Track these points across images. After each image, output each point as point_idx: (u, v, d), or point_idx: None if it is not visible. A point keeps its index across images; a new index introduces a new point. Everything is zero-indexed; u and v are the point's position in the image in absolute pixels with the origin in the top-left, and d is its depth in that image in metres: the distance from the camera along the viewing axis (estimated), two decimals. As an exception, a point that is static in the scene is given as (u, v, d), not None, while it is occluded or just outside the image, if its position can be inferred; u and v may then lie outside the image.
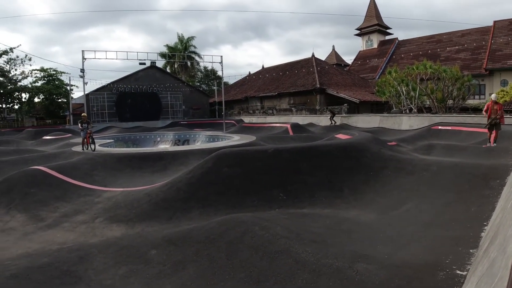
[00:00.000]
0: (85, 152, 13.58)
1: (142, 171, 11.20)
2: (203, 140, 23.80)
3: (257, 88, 43.94)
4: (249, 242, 4.23)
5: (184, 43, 52.26)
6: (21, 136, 27.43)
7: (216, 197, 6.96)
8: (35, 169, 9.77)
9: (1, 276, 4.12)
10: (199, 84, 60.90)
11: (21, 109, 42.84)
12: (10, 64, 39.59)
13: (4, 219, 7.40)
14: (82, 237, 6.19)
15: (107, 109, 39.81)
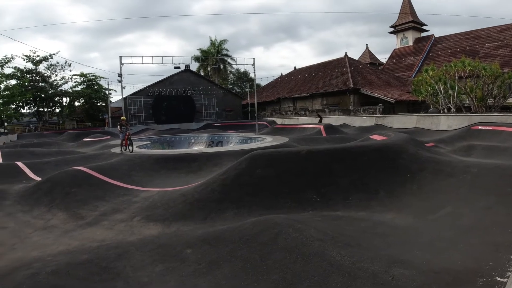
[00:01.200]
0: (123, 153, 14.06)
1: (177, 172, 11.43)
2: (236, 141, 24.00)
3: (289, 89, 43.82)
4: (283, 243, 4.23)
5: (216, 47, 53.04)
6: (62, 138, 28.70)
7: (249, 198, 6.99)
8: (76, 170, 10.21)
9: (42, 272, 4.28)
10: (232, 86, 61.60)
11: (62, 112, 44.99)
12: (50, 70, 41.88)
13: (46, 217, 7.72)
14: (121, 235, 6.37)
15: (143, 112, 41.10)
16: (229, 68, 58.74)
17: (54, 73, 42.54)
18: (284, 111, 40.96)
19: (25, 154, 16.52)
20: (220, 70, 55.93)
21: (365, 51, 51.69)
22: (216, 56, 50.95)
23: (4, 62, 35.50)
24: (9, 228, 7.09)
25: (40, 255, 5.45)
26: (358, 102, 33.43)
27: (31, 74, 40.90)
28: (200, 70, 54.30)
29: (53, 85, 42.50)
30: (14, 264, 5.00)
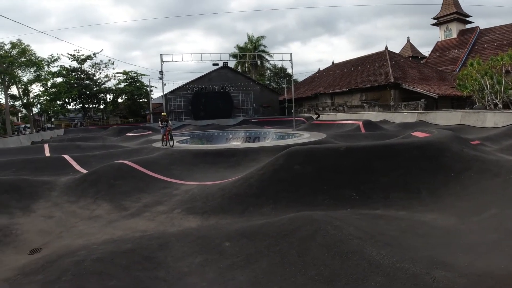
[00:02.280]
0: (164, 148, 14.49)
1: (216, 167, 11.62)
2: (273, 137, 24.01)
3: (327, 84, 43.11)
4: (321, 240, 4.21)
5: (254, 43, 53.20)
6: (107, 133, 29.94)
7: (287, 194, 7.00)
8: (120, 163, 10.65)
9: (87, 259, 4.50)
10: (269, 82, 61.56)
11: (106, 108, 47.17)
12: (95, 68, 43.93)
13: (91, 207, 8.09)
14: (162, 226, 6.58)
15: (183, 108, 42.13)
16: (266, 64, 58.82)
17: (98, 71, 44.70)
18: (321, 106, 40.47)
19: (72, 148, 17.44)
20: (257, 66, 56.12)
21: (406, 44, 49.67)
22: (253, 52, 51.15)
23: (51, 61, 37.50)
24: (56, 218, 7.50)
25: (85, 243, 5.72)
26: (399, 98, 32.32)
27: (76, 72, 43.20)
28: (238, 67, 54.74)
29: (97, 82, 44.60)
30: (61, 252, 5.31)
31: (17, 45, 32.05)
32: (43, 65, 35.37)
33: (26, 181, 9.44)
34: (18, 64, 32.40)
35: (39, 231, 6.64)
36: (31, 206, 8.11)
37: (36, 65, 34.07)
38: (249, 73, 53.61)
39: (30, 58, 33.04)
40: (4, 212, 7.66)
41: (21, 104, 36.82)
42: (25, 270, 4.80)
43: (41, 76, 35.79)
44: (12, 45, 32.05)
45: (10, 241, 6.09)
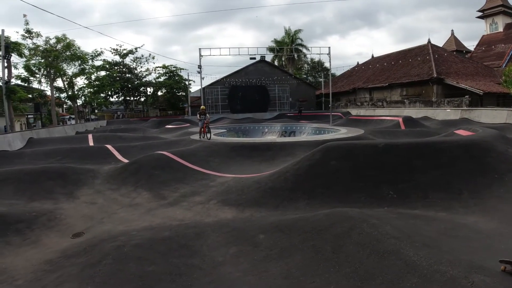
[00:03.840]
0: (202, 140, 14.79)
1: (251, 160, 11.72)
2: (309, 132, 23.80)
3: (366, 79, 41.98)
4: (357, 238, 4.16)
5: (291, 37, 52.77)
6: (147, 125, 30.86)
7: (322, 190, 6.95)
8: (160, 154, 10.98)
9: (128, 245, 4.72)
10: (306, 76, 60.90)
11: (147, 101, 48.89)
12: (136, 62, 45.53)
13: (132, 195, 8.43)
14: (198, 216, 6.76)
15: (220, 102, 42.66)
16: (303, 58, 58.17)
17: (139, 65, 46.44)
18: (359, 101, 39.57)
19: (114, 138, 18.17)
20: (294, 60, 55.67)
21: (450, 38, 47.22)
22: (290, 46, 50.77)
23: (95, 55, 39.28)
24: (99, 204, 7.89)
25: (125, 229, 5.98)
26: (441, 93, 30.93)
27: (118, 66, 45.11)
28: (275, 61, 54.54)
29: (139, 76, 46.27)
30: (102, 236, 5.58)
31: (62, 40, 33.68)
32: (87, 59, 37.08)
33: (71, 169, 9.95)
34: (63, 58, 34.07)
35: (82, 217, 7.02)
36: (75, 193, 8.56)
37: (80, 59, 35.72)
38: (286, 67, 53.30)
39: (74, 52, 34.66)
40: (49, 198, 8.14)
41: (66, 96, 38.88)
42: (67, 253, 5.10)
43: (85, 70, 37.53)
44: (57, 39, 33.68)
45: (54, 225, 6.48)
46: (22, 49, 29.03)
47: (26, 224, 6.28)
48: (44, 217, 6.69)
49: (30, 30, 31.77)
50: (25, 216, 6.59)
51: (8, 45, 24.45)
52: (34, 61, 32.71)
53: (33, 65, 32.61)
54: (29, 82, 33.49)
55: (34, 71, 33.11)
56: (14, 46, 26.99)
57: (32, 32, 31.90)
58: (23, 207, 7.35)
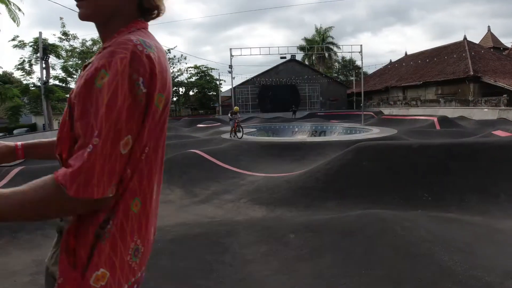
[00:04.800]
0: (232, 139, 14.96)
1: (281, 159, 11.70)
2: (340, 132, 23.49)
3: (399, 77, 40.91)
4: (389, 240, 4.09)
5: (321, 35, 52.37)
6: (179, 124, 31.45)
7: (354, 190, 6.85)
8: (192, 152, 11.18)
9: (161, 240, 4.81)
10: (337, 75, 60.15)
11: (179, 101, 49.99)
12: (169, 63, 46.70)
13: (165, 192, 8.60)
14: (229, 214, 6.83)
15: (250, 101, 42.94)
16: (334, 56, 57.53)
17: (172, 65, 47.26)
18: (392, 101, 38.64)
19: (148, 137, 18.59)
20: (325, 59, 55.12)
21: (487, 34, 44.94)
22: (321, 44, 50.35)
23: (130, 57, 40.58)
24: (133, 200, 8.16)
25: (159, 225, 6.05)
26: (478, 92, 29.65)
27: (152, 66, 46.07)
28: (305, 59, 54.24)
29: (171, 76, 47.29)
30: (137, 231, 5.77)
31: (98, 42, 35.08)
32: None
33: (108, 165, 10.31)
34: (99, 59, 35.41)
35: (118, 212, 7.26)
36: (113, 189, 8.88)
37: None
38: (317, 66, 52.87)
39: (110, 54, 35.93)
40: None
41: (101, 96, 40.32)
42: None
43: None
44: (93, 41, 35.11)
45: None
46: (59, 51, 30.50)
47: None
48: (82, 212, 6.97)
49: (66, 33, 33.28)
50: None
51: (46, 47, 25.74)
52: (71, 62, 34.28)
53: (70, 66, 34.21)
54: (67, 83, 35.15)
55: (71, 71, 34.70)
56: (52, 48, 28.43)
57: (69, 34, 33.39)
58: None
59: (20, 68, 30.06)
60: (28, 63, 29.76)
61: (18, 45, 28.61)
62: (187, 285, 3.71)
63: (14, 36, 28.87)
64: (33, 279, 4.45)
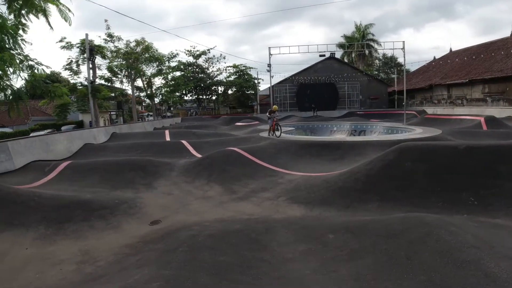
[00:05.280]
0: (270, 138, 14.98)
1: (320, 159, 11.60)
2: (381, 131, 22.90)
3: (443, 74, 39.03)
4: (433, 245, 3.96)
5: (361, 32, 51.25)
6: (218, 122, 31.93)
7: (395, 192, 6.67)
8: (231, 150, 11.36)
9: (201, 235, 4.98)
10: (377, 72, 58.60)
11: (218, 99, 51.17)
12: (208, 62, 47.82)
13: (205, 188, 8.88)
14: (267, 212, 6.89)
15: (288, 100, 42.82)
16: (374, 53, 56.04)
17: (211, 65, 48.61)
18: (436, 99, 37.05)
19: (188, 134, 19.15)
20: (365, 56, 53.88)
21: (537, 29, 41.93)
22: (361, 41, 49.26)
23: (171, 57, 41.94)
24: (174, 195, 8.42)
25: (199, 220, 6.32)
26: (529, 91, 27.74)
27: (192, 66, 47.52)
28: (344, 57, 53.28)
29: (210, 75, 48.33)
30: (177, 225, 5.97)
31: (141, 43, 36.43)
32: (164, 60, 39.84)
33: (150, 161, 10.71)
34: (142, 60, 36.83)
35: (159, 206, 7.53)
36: (153, 184, 9.23)
37: (158, 61, 38.51)
38: (356, 63, 51.77)
39: (152, 54, 37.38)
40: (130, 187, 8.88)
41: (145, 94, 42.11)
42: (146, 239, 5.53)
43: (162, 71, 40.41)
44: (137, 42, 36.44)
45: (134, 213, 7.04)
46: (105, 52, 31.93)
47: (109, 210, 6.91)
48: (125, 205, 7.29)
49: (111, 34, 34.76)
50: (108, 203, 7.26)
51: (93, 48, 27.04)
52: (116, 63, 35.81)
53: (115, 67, 35.76)
54: (112, 82, 36.82)
55: (116, 71, 36.27)
56: (98, 49, 29.86)
57: (113, 36, 34.87)
58: (107, 194, 8.08)
59: (68, 68, 31.76)
60: (76, 63, 31.38)
61: (65, 46, 30.23)
62: (226, 279, 3.78)
63: (62, 38, 30.56)
64: (78, 268, 4.73)
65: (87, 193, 7.98)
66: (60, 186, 8.69)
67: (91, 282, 4.18)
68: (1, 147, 10.53)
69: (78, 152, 14.25)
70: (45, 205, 6.71)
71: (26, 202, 6.72)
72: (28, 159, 11.31)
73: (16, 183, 8.54)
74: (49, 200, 6.96)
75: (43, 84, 15.63)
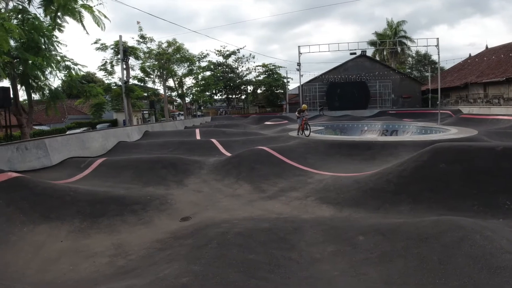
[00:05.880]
0: (300, 137, 14.94)
1: (350, 158, 11.45)
2: (414, 131, 22.28)
3: (479, 72, 37.34)
4: (467, 250, 3.83)
5: (393, 29, 49.95)
6: (247, 121, 32.14)
7: (429, 194, 6.47)
8: (260, 149, 11.39)
9: (230, 232, 5.03)
10: (410, 70, 57.03)
11: (247, 99, 51.72)
12: (238, 62, 48.33)
13: (234, 186, 8.97)
14: (296, 211, 6.87)
15: (318, 99, 42.37)
16: (407, 51, 54.49)
17: (240, 65, 48.97)
18: (472, 98, 35.59)
19: (218, 133, 19.39)
20: (397, 54, 52.54)
21: None
22: (392, 38, 48.06)
23: (201, 57, 42.70)
24: (204, 192, 8.56)
25: (228, 217, 6.39)
26: None
27: (222, 66, 48.19)
28: (376, 55, 52.19)
29: (240, 75, 48.71)
30: (207, 222, 6.06)
31: (172, 44, 37.25)
32: (194, 60, 40.59)
33: (181, 159, 10.93)
34: (174, 60, 37.67)
35: (189, 203, 7.68)
36: (184, 181, 9.42)
37: (188, 61, 39.30)
38: (388, 61, 50.59)
39: (183, 54, 38.17)
40: (162, 184, 9.10)
41: (176, 94, 43.03)
42: (176, 235, 5.65)
43: (193, 71, 41.16)
44: (169, 43, 37.31)
45: (165, 209, 7.21)
46: (138, 53, 32.83)
47: (141, 206, 7.12)
48: (157, 201, 7.49)
49: (144, 36, 35.70)
50: (140, 199, 7.48)
51: (126, 49, 27.92)
52: (148, 63, 36.79)
53: (148, 67, 36.72)
54: (145, 82, 37.87)
55: (149, 72, 37.28)
56: (131, 50, 30.79)
57: (146, 37, 35.82)
58: (139, 191, 8.32)
59: (103, 69, 32.90)
60: (110, 64, 32.43)
61: (100, 47, 31.28)
62: (255, 277, 3.81)
63: (97, 39, 31.70)
64: (111, 261, 4.90)
65: (120, 189, 8.25)
66: (95, 182, 9.00)
67: (123, 275, 4.32)
68: (39, 144, 10.98)
69: (112, 149, 14.73)
70: (80, 200, 7.00)
71: (62, 197, 7.02)
72: (64, 155, 11.78)
73: (52, 178, 8.88)
74: (84, 195, 7.24)
75: (79, 84, 16.27)
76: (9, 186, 6.90)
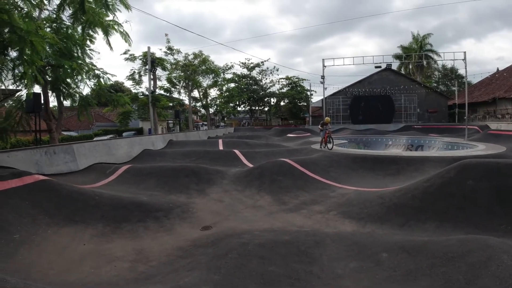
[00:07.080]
0: (322, 150, 14.84)
1: (374, 173, 11.27)
2: (440, 147, 21.74)
3: (508, 87, 36.07)
4: (494, 270, 3.68)
5: (419, 42, 49.12)
6: (270, 133, 32.24)
7: (456, 212, 6.28)
8: (282, 161, 11.37)
9: (251, 243, 5.01)
10: (436, 85, 55.94)
11: (270, 111, 52.03)
12: (261, 74, 48.82)
13: (255, 197, 8.97)
14: (317, 225, 6.79)
15: (341, 112, 42.17)
16: (433, 64, 53.51)
17: (264, 77, 49.46)
18: (500, 114, 34.47)
19: (241, 144, 19.51)
20: (423, 67, 51.60)
21: None
22: (418, 52, 47.34)
23: (226, 69, 43.41)
24: (225, 202, 8.61)
25: (249, 228, 6.38)
26: None
27: (246, 78, 48.70)
28: (401, 68, 51.52)
29: (263, 87, 49.11)
30: (228, 232, 6.07)
31: (198, 56, 38.07)
32: (219, 72, 41.30)
33: (204, 169, 11.04)
34: (200, 72, 38.46)
35: (211, 212, 7.74)
36: (206, 190, 9.51)
37: (214, 73, 40.03)
38: (414, 75, 49.77)
39: (209, 66, 38.95)
40: (185, 192, 9.22)
41: (201, 105, 43.74)
42: (197, 243, 5.69)
43: (217, 82, 41.87)
44: (195, 55, 38.13)
45: (187, 217, 7.29)
46: (165, 64, 33.69)
47: (164, 213, 7.24)
48: (179, 209, 7.59)
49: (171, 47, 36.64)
50: (163, 206, 7.60)
51: (154, 60, 28.73)
52: (175, 74, 37.65)
53: (174, 78, 37.59)
54: (171, 92, 38.79)
55: (175, 82, 38.20)
56: (159, 61, 31.69)
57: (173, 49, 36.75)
58: (162, 198, 8.45)
59: (131, 79, 33.85)
60: (138, 74, 33.34)
61: (129, 58, 32.26)
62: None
63: (126, 50, 32.73)
64: (132, 266, 4.97)
65: (144, 196, 8.40)
66: (119, 188, 9.20)
67: (143, 281, 4.38)
68: (67, 149, 11.34)
69: (137, 157, 15.04)
70: (105, 205, 7.17)
71: (87, 201, 7.21)
72: (91, 161, 12.12)
73: (78, 182, 9.14)
74: (109, 200, 7.42)
75: (107, 93, 16.77)
76: (36, 188, 7.13)
